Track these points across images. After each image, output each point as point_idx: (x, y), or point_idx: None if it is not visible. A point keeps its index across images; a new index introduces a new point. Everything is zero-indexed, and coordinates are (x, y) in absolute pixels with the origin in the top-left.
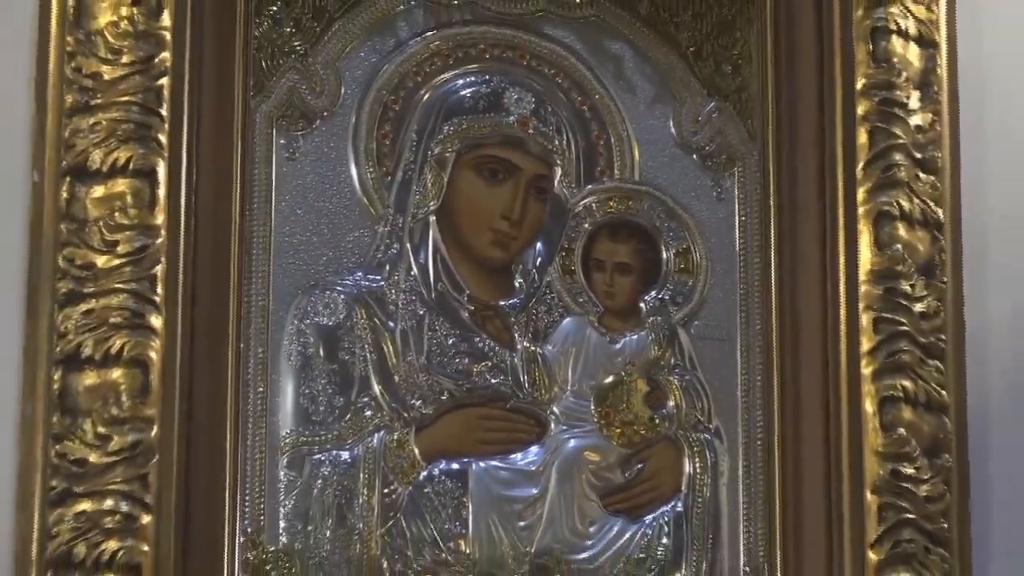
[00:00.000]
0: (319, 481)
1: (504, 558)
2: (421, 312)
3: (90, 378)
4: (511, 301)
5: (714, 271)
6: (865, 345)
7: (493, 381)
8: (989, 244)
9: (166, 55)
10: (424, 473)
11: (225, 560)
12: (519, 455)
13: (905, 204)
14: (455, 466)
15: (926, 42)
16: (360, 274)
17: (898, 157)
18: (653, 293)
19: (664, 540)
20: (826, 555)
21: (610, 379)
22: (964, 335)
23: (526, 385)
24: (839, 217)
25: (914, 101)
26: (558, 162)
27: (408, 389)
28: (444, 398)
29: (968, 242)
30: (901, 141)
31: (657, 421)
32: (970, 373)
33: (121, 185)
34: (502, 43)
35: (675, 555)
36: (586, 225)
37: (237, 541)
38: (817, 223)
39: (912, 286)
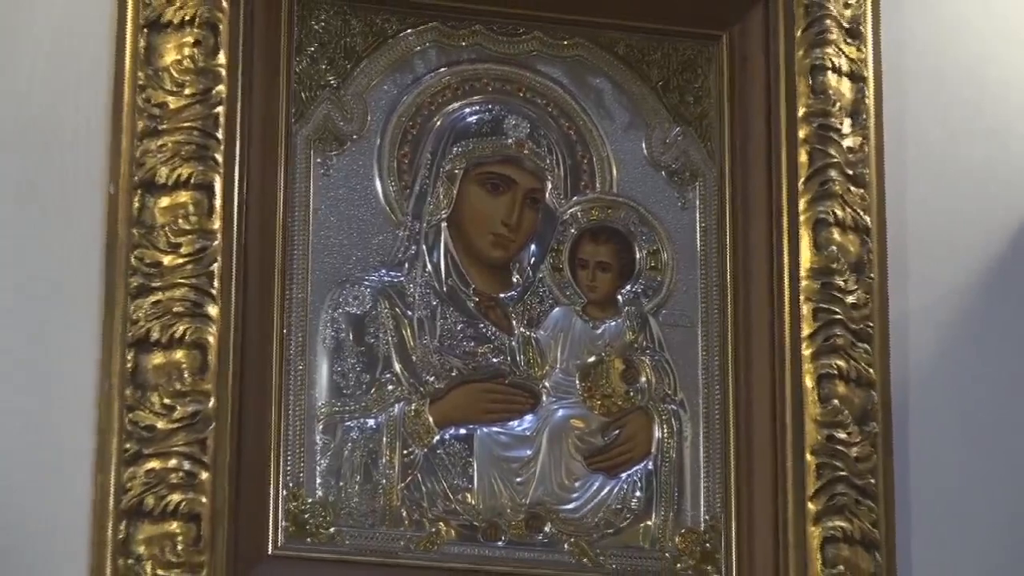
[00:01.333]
0: (349, 444)
1: (503, 508)
2: (434, 303)
3: (157, 358)
4: (509, 294)
5: (679, 268)
6: (805, 330)
7: (494, 360)
8: (908, 246)
9: (221, 88)
10: (437, 438)
11: (270, 510)
12: (516, 423)
13: (839, 212)
14: (463, 432)
15: (856, 77)
16: (383, 271)
17: (833, 173)
18: (628, 287)
19: (637, 494)
20: (773, 506)
21: (592, 359)
22: (888, 322)
23: (522, 364)
24: (784, 223)
25: (846, 127)
26: (549, 177)
27: (424, 367)
28: (454, 375)
29: (891, 244)
30: (835, 160)
31: (631, 394)
32: (893, 354)
33: (184, 196)
34: (502, 78)
35: (647, 506)
36: (572, 230)
37: (281, 494)
38: (765, 229)
39: (845, 281)
